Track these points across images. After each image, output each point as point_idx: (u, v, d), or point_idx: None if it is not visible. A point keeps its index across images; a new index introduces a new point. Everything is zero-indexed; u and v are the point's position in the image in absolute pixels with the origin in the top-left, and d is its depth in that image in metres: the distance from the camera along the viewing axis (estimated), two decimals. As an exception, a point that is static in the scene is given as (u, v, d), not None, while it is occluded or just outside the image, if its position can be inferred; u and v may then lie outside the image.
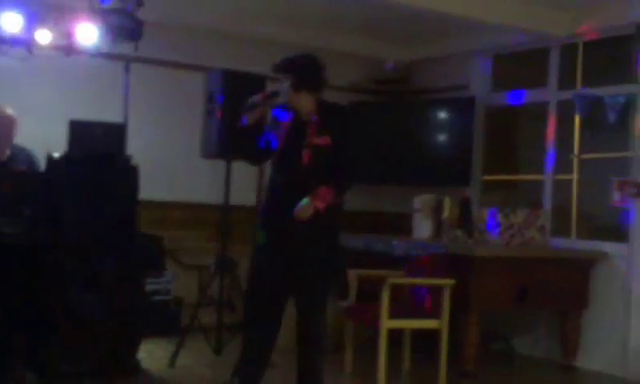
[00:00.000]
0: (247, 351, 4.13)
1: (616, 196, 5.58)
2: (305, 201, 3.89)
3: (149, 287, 5.38)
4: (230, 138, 4.61)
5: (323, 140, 4.02)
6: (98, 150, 4.67)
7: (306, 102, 4.05)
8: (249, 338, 4.12)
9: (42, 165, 4.78)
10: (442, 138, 6.90)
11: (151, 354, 5.23)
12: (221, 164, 5.23)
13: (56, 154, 4.57)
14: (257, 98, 4.09)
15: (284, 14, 6.40)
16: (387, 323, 4.81)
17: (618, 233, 5.76)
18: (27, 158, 5.29)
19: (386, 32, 6.76)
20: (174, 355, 5.09)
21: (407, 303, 5.21)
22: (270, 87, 4.28)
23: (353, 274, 5.29)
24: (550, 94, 6.21)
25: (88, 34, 5.24)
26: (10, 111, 5.19)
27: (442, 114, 6.94)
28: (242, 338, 4.23)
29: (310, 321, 4.02)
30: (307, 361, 4.02)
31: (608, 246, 5.72)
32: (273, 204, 4.08)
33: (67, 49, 5.28)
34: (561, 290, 5.54)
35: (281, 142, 4.07)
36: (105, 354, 4.56)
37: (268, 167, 4.19)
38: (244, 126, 4.06)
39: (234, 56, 6.23)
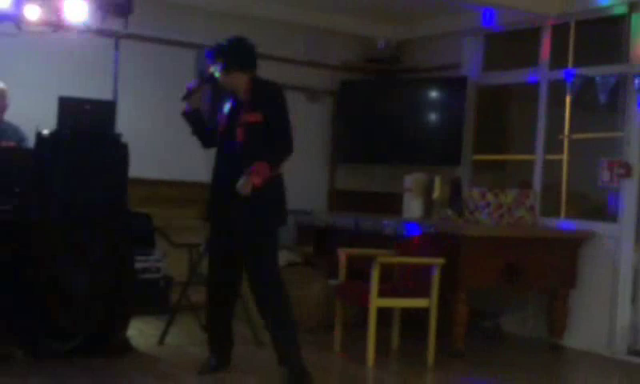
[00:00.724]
0: (213, 324, 4.50)
1: (605, 176, 5.60)
2: (243, 179, 4.15)
3: (138, 265, 5.37)
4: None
5: (254, 117, 4.29)
6: (87, 126, 4.65)
7: (239, 83, 4.32)
8: (211, 311, 4.51)
9: (31, 141, 4.76)
10: (433, 117, 6.89)
11: (141, 332, 5.24)
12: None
13: (45, 131, 4.55)
14: (193, 84, 4.39)
15: (276, -8, 6.37)
16: (377, 302, 4.84)
17: (607, 213, 5.79)
18: (16, 133, 5.26)
19: (377, 11, 6.73)
20: (164, 333, 5.11)
21: (397, 282, 5.23)
22: (206, 73, 4.47)
23: (343, 253, 5.31)
24: (542, 74, 6.21)
25: (77, 9, 5.21)
26: (0, 84, 5.17)
27: (434, 94, 6.93)
28: (206, 313, 4.59)
29: (259, 272, 4.33)
30: (266, 303, 4.34)
31: (597, 226, 5.74)
32: (215, 182, 4.40)
33: (56, 25, 5.25)
34: (549, 270, 5.57)
35: (222, 122, 4.36)
36: (94, 332, 4.56)
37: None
38: (187, 112, 4.39)
39: (226, 34, 6.18)
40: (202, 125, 4.46)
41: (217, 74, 4.32)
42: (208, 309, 4.58)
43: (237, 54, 4.32)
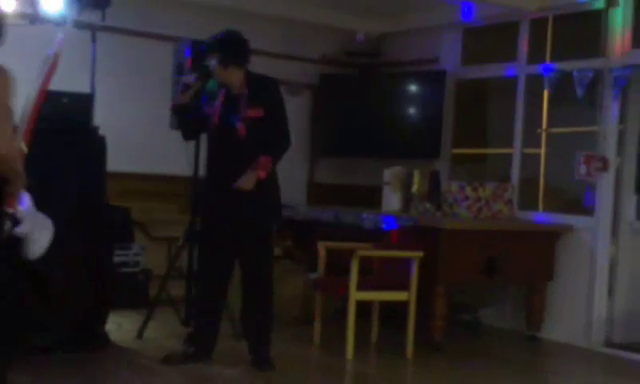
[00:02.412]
0: (203, 315, 4.53)
1: (582, 170, 5.64)
2: (247, 173, 4.23)
3: (117, 259, 5.35)
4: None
5: (256, 112, 4.33)
6: (64, 120, 4.61)
7: (235, 77, 4.35)
8: (203, 302, 4.56)
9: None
10: (412, 111, 6.91)
11: (120, 326, 5.21)
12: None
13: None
14: (188, 78, 4.42)
15: (254, -15, 6.35)
16: (356, 295, 4.85)
17: (584, 206, 5.84)
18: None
19: (357, 4, 6.73)
20: (143, 327, 5.09)
21: (376, 275, 5.25)
22: (200, 68, 4.51)
23: (322, 246, 5.31)
24: (520, 68, 6.24)
25: (53, 1, 5.15)
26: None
27: (413, 87, 6.95)
28: (197, 303, 4.63)
29: (259, 272, 4.43)
30: (256, 304, 4.44)
31: (574, 220, 5.79)
32: (212, 176, 4.44)
33: (32, 17, 5.19)
34: (527, 263, 5.61)
35: (216, 117, 4.36)
36: (73, 327, 4.53)
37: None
38: (178, 106, 4.43)
39: (203, 26, 6.15)
40: (189, 119, 4.46)
41: (214, 68, 4.33)
42: (199, 300, 4.60)
43: (234, 48, 4.34)
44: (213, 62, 4.32)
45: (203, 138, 4.95)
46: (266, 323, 4.49)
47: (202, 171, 5.24)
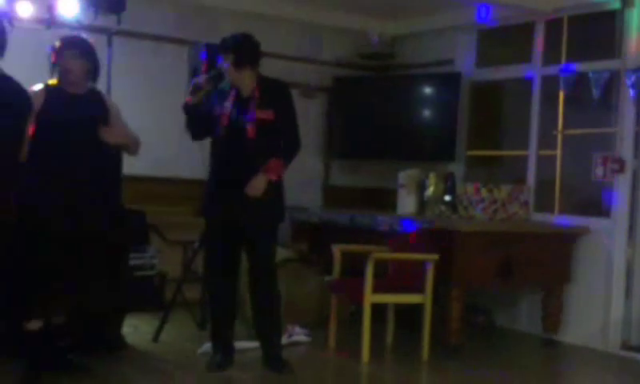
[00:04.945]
0: (217, 321, 4.55)
1: (599, 171, 5.61)
2: (258, 176, 4.25)
3: (133, 262, 5.37)
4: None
5: (266, 114, 4.33)
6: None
7: (247, 79, 4.36)
8: (214, 308, 4.57)
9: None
10: (427, 113, 6.89)
11: (135, 329, 5.23)
12: (206, 139, 5.20)
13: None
14: (201, 79, 4.40)
15: (269, -12, 6.36)
16: (371, 298, 4.84)
17: (601, 208, 5.80)
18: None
19: (371, 6, 6.72)
20: (158, 330, 5.10)
21: (391, 278, 5.23)
22: (213, 70, 4.52)
23: (337, 249, 5.31)
24: (535, 70, 6.21)
25: (70, 6, 5.19)
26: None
27: (427, 90, 6.93)
28: (210, 304, 4.66)
29: (264, 262, 4.44)
30: (264, 291, 4.46)
31: (590, 222, 5.75)
32: (219, 178, 4.43)
33: (48, 21, 5.22)
34: (543, 265, 5.58)
35: (225, 118, 4.35)
36: (89, 330, 4.55)
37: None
38: (188, 106, 4.38)
39: (219, 30, 6.17)
40: (199, 118, 4.45)
41: (226, 69, 4.35)
42: (211, 306, 4.61)
43: (247, 49, 4.36)
44: (225, 63, 4.33)
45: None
46: (278, 322, 4.51)
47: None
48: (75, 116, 4.15)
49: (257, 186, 4.26)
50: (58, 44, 4.22)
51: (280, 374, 4.41)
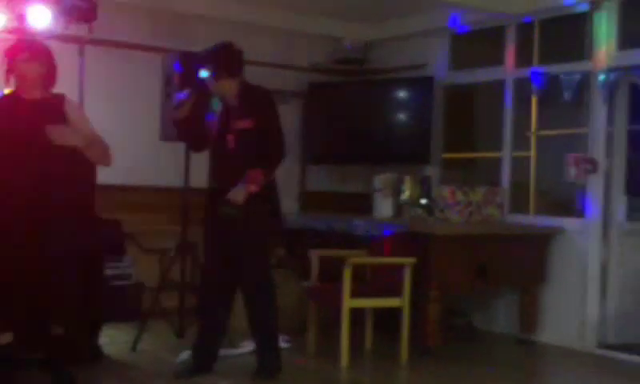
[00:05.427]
0: (203, 327, 4.52)
1: (572, 172, 5.67)
2: (237, 187, 4.21)
3: (109, 272, 5.32)
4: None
5: (245, 123, 4.34)
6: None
7: (228, 89, 4.36)
8: (203, 315, 4.55)
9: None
10: (401, 117, 6.92)
11: (113, 340, 5.19)
12: (180, 146, 5.18)
13: None
14: (184, 95, 4.39)
15: (242, -5, 6.35)
16: (349, 303, 4.84)
17: (574, 208, 5.86)
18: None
19: (344, 11, 6.74)
20: (136, 340, 5.06)
21: (369, 282, 5.24)
22: (195, 81, 4.52)
23: (315, 254, 5.31)
24: (507, 73, 6.27)
25: (40, 15, 5.14)
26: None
27: (401, 94, 6.96)
28: (197, 316, 4.64)
29: (255, 278, 4.40)
30: (254, 304, 4.43)
31: (565, 222, 5.81)
32: (210, 189, 4.45)
33: (19, 31, 5.17)
34: (519, 266, 5.62)
35: (213, 128, 4.37)
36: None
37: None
38: (178, 122, 4.40)
39: (192, 37, 6.16)
40: (192, 131, 4.46)
41: (206, 80, 4.35)
42: (199, 313, 4.60)
43: (225, 60, 4.34)
44: (207, 74, 4.33)
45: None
46: (265, 332, 4.47)
47: (193, 182, 5.26)
48: (28, 124, 3.93)
49: (234, 197, 4.24)
50: (9, 49, 4.07)
51: (259, 380, 4.40)
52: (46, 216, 3.94)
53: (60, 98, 4.14)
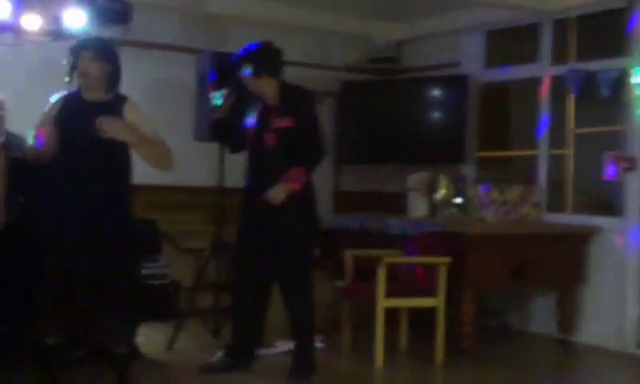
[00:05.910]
0: (237, 327, 4.54)
1: (610, 170, 5.58)
2: (278, 186, 4.19)
3: (145, 271, 5.37)
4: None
5: (285, 122, 4.32)
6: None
7: (268, 88, 4.35)
8: (237, 315, 4.55)
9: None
10: (435, 115, 6.88)
11: (149, 339, 5.22)
12: (214, 147, 5.21)
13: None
14: (221, 96, 4.43)
15: (275, -5, 6.37)
16: (383, 302, 4.83)
17: (613, 207, 5.77)
18: (19, 145, 5.24)
19: (377, 10, 6.72)
20: (172, 339, 5.10)
21: (404, 282, 5.22)
22: (232, 80, 4.51)
23: (349, 254, 5.30)
24: (543, 70, 6.19)
25: (76, 18, 5.20)
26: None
27: (436, 92, 6.91)
28: (231, 315, 4.64)
29: (293, 283, 4.40)
30: (289, 302, 4.41)
31: (603, 221, 5.72)
32: (248, 187, 4.44)
33: (55, 34, 5.24)
34: (556, 266, 5.55)
35: (252, 127, 4.37)
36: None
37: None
38: (214, 121, 4.44)
39: (226, 38, 6.19)
40: (230, 132, 4.48)
41: (246, 79, 4.34)
42: (234, 313, 4.60)
43: (266, 58, 4.36)
44: (245, 73, 4.32)
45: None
46: (302, 333, 4.46)
47: (227, 182, 5.28)
48: (85, 126, 3.83)
49: (275, 196, 4.22)
50: (74, 46, 4.01)
51: (294, 380, 4.40)
52: (97, 226, 3.88)
53: (122, 100, 4.04)
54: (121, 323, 4.09)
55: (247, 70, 4.31)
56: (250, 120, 4.41)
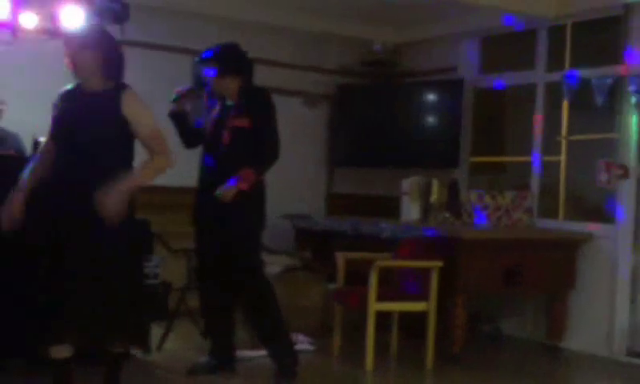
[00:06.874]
0: (209, 328, 4.65)
1: (602, 177, 5.60)
2: (226, 185, 4.22)
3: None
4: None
5: (242, 122, 4.34)
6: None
7: (231, 87, 4.39)
8: (207, 317, 4.68)
9: (29, 150, 4.75)
10: (430, 120, 6.89)
11: (140, 338, 5.22)
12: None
13: (42, 139, 4.52)
14: (182, 89, 4.51)
15: (272, -3, 6.38)
16: (375, 306, 4.83)
17: (605, 214, 5.79)
18: (16, 141, 5.25)
19: (374, 14, 6.73)
20: (162, 339, 5.10)
21: (395, 286, 5.23)
22: (194, 78, 4.59)
23: (341, 257, 5.31)
24: (538, 77, 6.21)
25: (73, 16, 5.20)
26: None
27: (431, 97, 6.93)
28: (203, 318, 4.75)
29: (238, 272, 4.41)
30: (248, 303, 4.48)
31: (595, 227, 5.74)
32: (200, 184, 4.50)
33: (52, 32, 5.24)
34: (548, 272, 5.56)
35: (208, 125, 4.43)
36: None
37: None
38: (171, 113, 4.50)
39: (222, 40, 6.17)
40: (185, 126, 4.53)
41: (209, 78, 4.41)
42: (205, 311, 4.64)
43: (230, 59, 4.41)
44: (209, 73, 4.39)
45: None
46: (268, 331, 4.45)
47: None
48: (81, 118, 3.70)
49: (224, 194, 4.25)
50: (66, 38, 3.87)
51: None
52: (98, 224, 3.66)
53: (120, 90, 3.84)
54: (121, 323, 4.06)
55: (211, 70, 4.37)
56: (209, 118, 4.44)
